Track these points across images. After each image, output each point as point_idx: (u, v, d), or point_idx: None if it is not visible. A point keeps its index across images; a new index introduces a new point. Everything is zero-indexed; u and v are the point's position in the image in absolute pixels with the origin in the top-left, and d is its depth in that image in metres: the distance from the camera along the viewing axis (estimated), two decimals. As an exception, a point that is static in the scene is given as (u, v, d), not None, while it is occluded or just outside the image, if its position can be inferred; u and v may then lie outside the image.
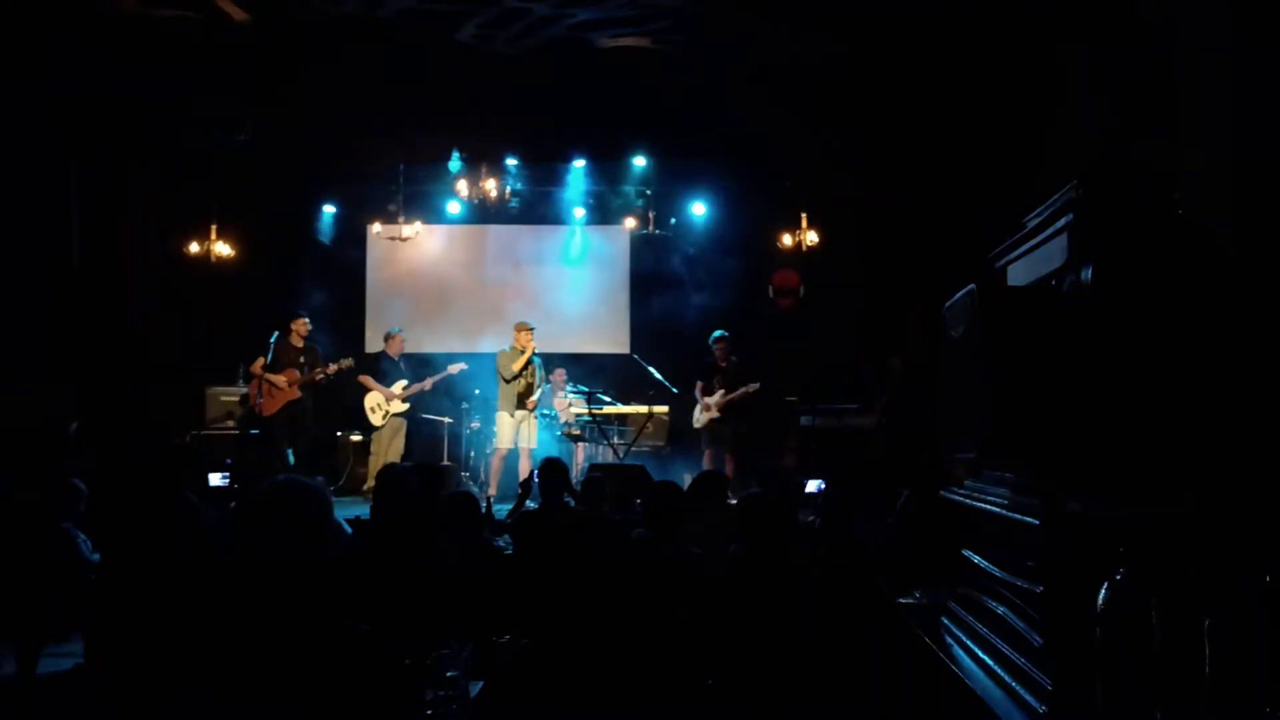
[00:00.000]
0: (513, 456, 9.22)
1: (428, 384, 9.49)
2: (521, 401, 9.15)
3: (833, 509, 4.89)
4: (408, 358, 9.80)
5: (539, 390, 9.27)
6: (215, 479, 7.67)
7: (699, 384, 9.38)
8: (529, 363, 9.17)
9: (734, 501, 4.37)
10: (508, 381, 9.18)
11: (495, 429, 9.31)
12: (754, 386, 9.09)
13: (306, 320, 9.23)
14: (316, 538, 2.43)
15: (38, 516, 4.80)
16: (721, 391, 9.19)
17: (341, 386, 9.67)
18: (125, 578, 2.69)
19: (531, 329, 9.32)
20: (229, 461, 8.56)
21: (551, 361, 10.24)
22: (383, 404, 9.39)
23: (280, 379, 8.99)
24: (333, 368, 9.12)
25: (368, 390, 9.43)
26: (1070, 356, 2.86)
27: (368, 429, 9.59)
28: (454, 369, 9.49)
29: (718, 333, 9.42)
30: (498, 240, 11.75)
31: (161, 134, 9.72)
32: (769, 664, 3.34)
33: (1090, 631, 2.32)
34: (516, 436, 9.15)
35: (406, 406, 9.46)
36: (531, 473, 6.12)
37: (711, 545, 4.41)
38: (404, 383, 9.45)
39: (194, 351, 10.15)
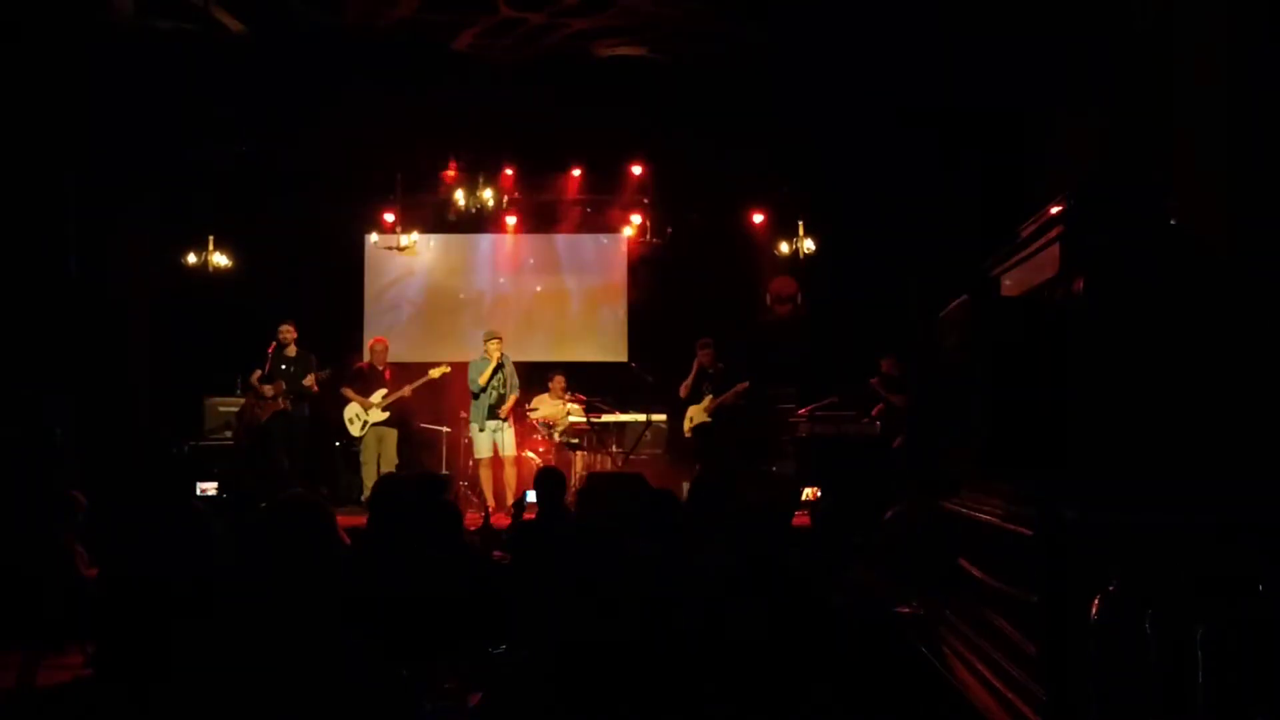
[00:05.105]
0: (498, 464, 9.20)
1: (407, 390, 9.42)
2: (493, 413, 9.11)
3: (829, 517, 4.90)
4: (400, 367, 9.78)
5: (511, 398, 9.20)
6: (204, 488, 7.69)
7: (683, 385, 9.38)
8: (497, 370, 9.15)
9: (729, 508, 4.36)
10: (476, 396, 9.16)
11: (473, 442, 9.31)
12: (743, 386, 9.11)
13: (289, 327, 9.18)
14: (320, 553, 2.44)
15: (34, 527, 4.80)
16: (710, 397, 9.21)
17: (328, 397, 9.64)
18: (133, 587, 2.70)
19: (499, 338, 9.30)
20: (215, 470, 8.56)
21: (549, 369, 10.24)
22: (360, 414, 9.39)
23: (267, 389, 9.00)
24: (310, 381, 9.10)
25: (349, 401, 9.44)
26: (1063, 366, 2.87)
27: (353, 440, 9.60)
28: (435, 373, 9.45)
29: (704, 338, 9.44)
30: (495, 249, 11.76)
31: (159, 145, 9.73)
32: (766, 673, 3.34)
33: (1085, 641, 2.33)
34: (494, 446, 9.13)
35: (385, 415, 9.43)
36: (523, 494, 6.13)
37: (709, 553, 4.41)
38: (383, 391, 9.43)
39: (191, 362, 10.14)
